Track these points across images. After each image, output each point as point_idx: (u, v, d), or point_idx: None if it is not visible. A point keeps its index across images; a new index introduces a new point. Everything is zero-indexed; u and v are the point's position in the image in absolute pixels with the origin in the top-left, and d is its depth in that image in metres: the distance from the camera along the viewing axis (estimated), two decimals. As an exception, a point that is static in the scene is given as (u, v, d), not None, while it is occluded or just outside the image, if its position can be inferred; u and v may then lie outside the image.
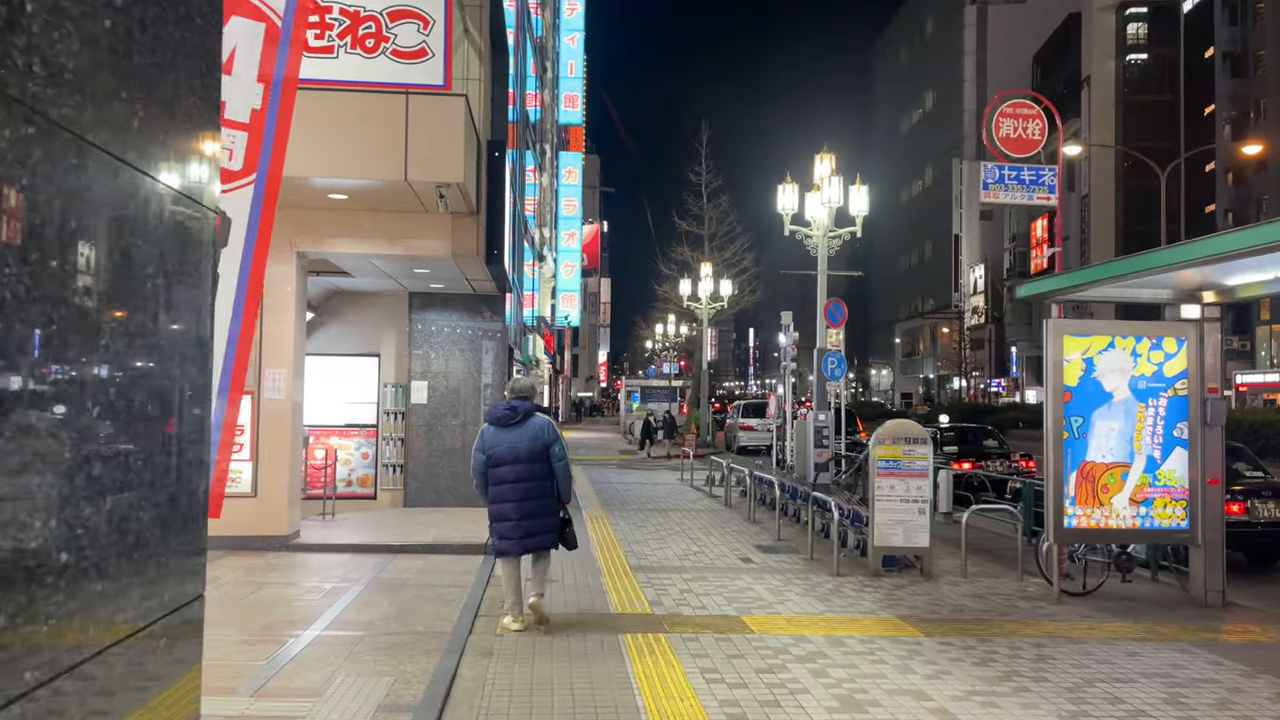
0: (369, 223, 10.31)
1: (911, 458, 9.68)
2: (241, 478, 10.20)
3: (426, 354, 13.95)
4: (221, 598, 7.85)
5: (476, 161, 10.32)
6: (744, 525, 13.17)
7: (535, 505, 6.95)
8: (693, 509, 15.02)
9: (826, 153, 20.36)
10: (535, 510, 6.95)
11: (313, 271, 12.34)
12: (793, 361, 22.19)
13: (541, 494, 6.99)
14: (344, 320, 14.11)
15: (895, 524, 9.65)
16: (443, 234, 10.32)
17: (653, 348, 69.15)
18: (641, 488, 18.61)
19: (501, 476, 6.93)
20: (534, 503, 6.94)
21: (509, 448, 6.95)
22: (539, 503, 6.97)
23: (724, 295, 34.29)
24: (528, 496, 6.92)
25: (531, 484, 6.94)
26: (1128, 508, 8.57)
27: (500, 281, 12.62)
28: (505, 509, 6.92)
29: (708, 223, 38.16)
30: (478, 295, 13.89)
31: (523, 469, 6.93)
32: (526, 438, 6.98)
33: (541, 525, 6.98)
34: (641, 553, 10.71)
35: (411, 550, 10.29)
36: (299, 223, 10.30)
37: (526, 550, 6.99)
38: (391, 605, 7.75)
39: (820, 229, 20.05)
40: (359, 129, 8.81)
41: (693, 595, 8.42)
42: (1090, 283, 8.07)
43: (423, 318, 13.97)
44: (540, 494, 6.98)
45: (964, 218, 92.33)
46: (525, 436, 6.99)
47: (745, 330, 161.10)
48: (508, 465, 6.93)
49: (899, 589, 8.94)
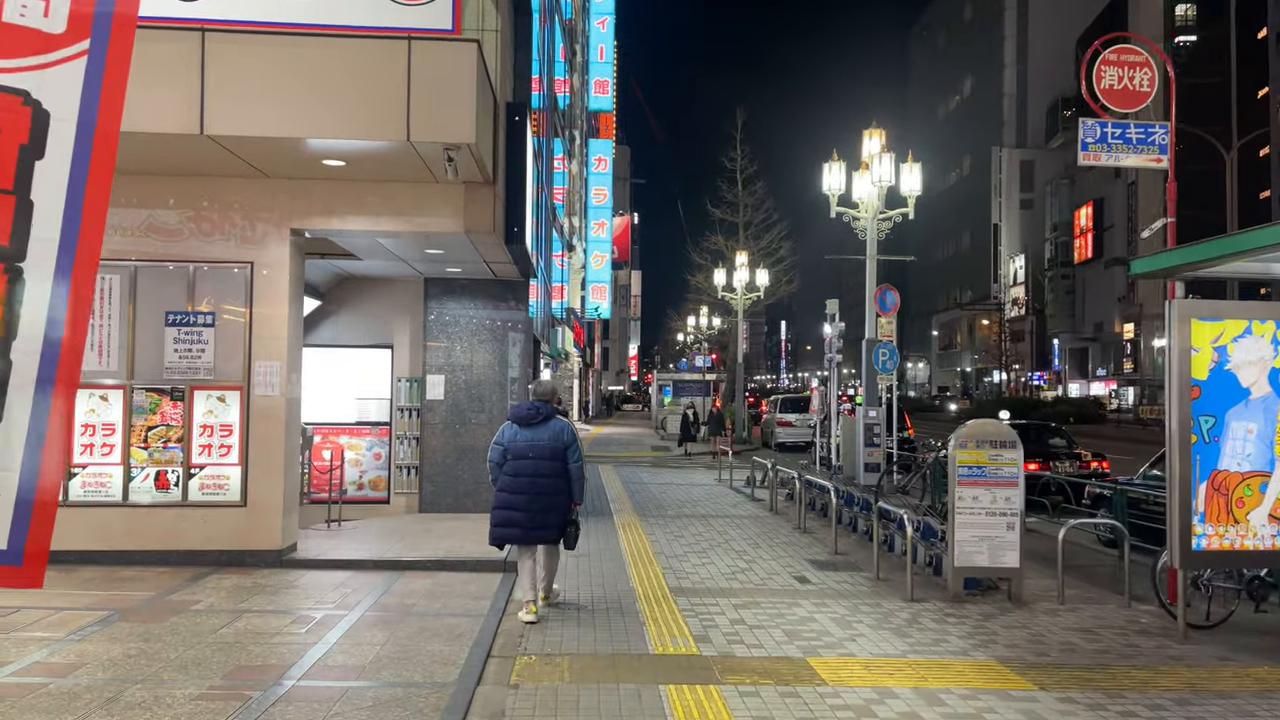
0: (372, 195, 9.07)
1: (999, 463, 8.31)
2: (229, 484, 9.01)
3: (443, 346, 12.72)
4: (189, 630, 6.64)
5: (493, 125, 9.05)
6: (794, 535, 11.83)
7: (547, 501, 7.30)
8: (735, 515, 13.70)
9: (876, 128, 18.91)
10: (547, 505, 7.29)
11: (315, 253, 11.14)
12: (838, 353, 20.74)
13: (554, 491, 7.33)
14: (354, 309, 12.91)
15: (979, 541, 8.28)
16: (455, 208, 9.06)
17: (684, 340, 67.75)
18: (677, 489, 17.29)
19: (519, 470, 7.29)
20: (546, 498, 7.29)
21: (529, 444, 7.34)
22: (551, 499, 7.31)
23: (760, 285, 32.84)
24: (542, 492, 7.28)
25: (546, 480, 7.30)
26: (1266, 525, 7.13)
27: (522, 264, 11.35)
28: (518, 500, 7.26)
29: (743, 210, 36.73)
30: (499, 281, 12.63)
31: (542, 464, 7.30)
32: (546, 437, 7.36)
33: (549, 520, 7.31)
34: (681, 569, 9.42)
35: (420, 566, 9.06)
36: (293, 195, 9.08)
37: (531, 541, 7.31)
38: (389, 642, 6.51)
39: (869, 210, 18.60)
40: (353, 81, 7.57)
41: (745, 628, 7.11)
42: (1229, 255, 6.66)
43: (439, 306, 12.73)
44: (553, 491, 7.32)
45: (1003, 207, 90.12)
46: (545, 436, 7.36)
47: (777, 323, 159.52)
48: (527, 460, 7.30)
49: (989, 619, 7.58)
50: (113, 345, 9.00)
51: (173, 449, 8.99)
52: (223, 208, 9.03)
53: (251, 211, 9.05)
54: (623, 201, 73.73)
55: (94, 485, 8.94)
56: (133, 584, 8.14)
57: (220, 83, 7.43)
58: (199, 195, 9.00)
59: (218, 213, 9.04)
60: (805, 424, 30.25)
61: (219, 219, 9.04)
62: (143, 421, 8.97)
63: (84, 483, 8.94)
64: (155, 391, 9.00)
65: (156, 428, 8.98)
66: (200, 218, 9.03)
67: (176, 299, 9.05)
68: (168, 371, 9.01)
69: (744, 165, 36.65)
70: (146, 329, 9.02)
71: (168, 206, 8.99)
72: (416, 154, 7.96)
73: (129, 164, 8.60)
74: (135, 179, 8.91)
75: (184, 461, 8.99)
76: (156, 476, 8.96)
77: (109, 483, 8.94)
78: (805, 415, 30.80)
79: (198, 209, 9.02)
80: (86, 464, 8.94)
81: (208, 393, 9.03)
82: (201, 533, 8.95)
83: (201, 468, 9.00)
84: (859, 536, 11.64)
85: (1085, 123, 8.67)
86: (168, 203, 8.99)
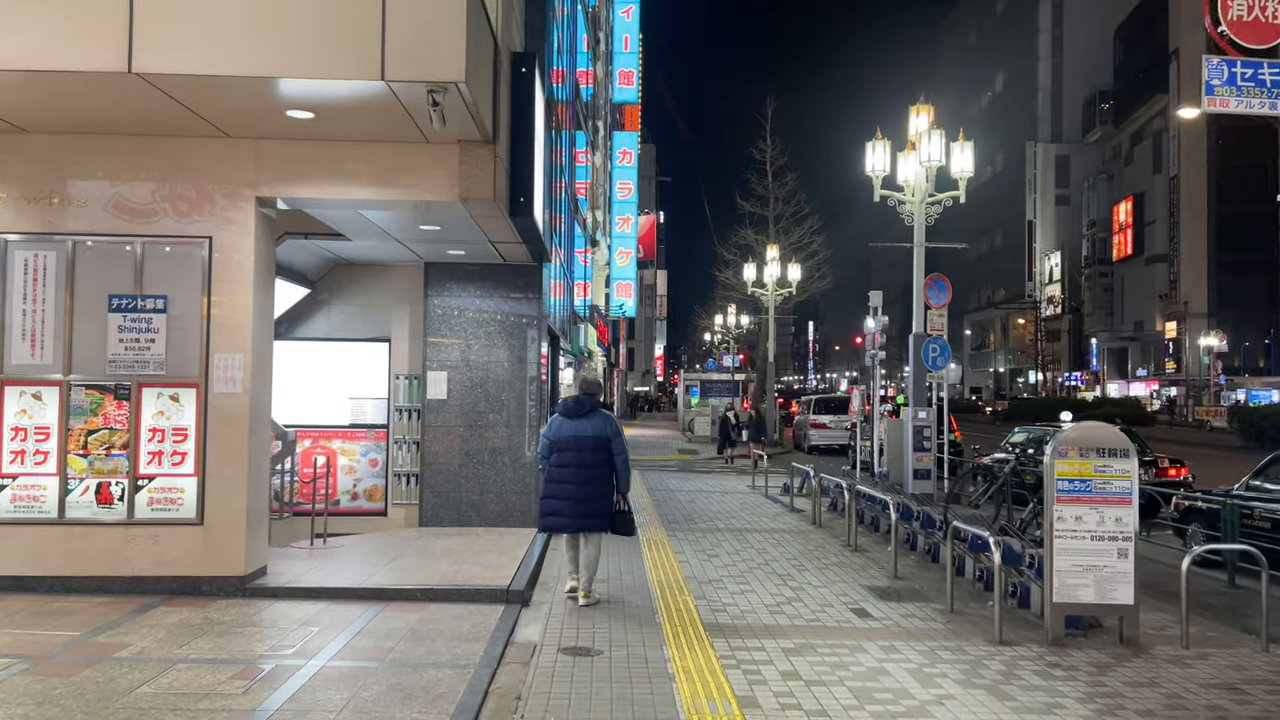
0: (351, 158, 7.67)
1: (1108, 475, 6.79)
2: (183, 499, 7.63)
3: (446, 339, 11.32)
4: (98, 690, 5.24)
5: (493, 74, 7.64)
6: (843, 554, 10.34)
7: (591, 490, 7.57)
8: (774, 529, 12.21)
9: (924, 104, 17.34)
10: (591, 494, 7.56)
11: (298, 233, 9.79)
12: (881, 350, 19.16)
13: (597, 480, 7.60)
14: (348, 298, 11.55)
15: (1083, 570, 6.77)
16: (448, 172, 7.65)
17: (711, 340, 66.18)
18: (707, 498, 15.81)
19: (565, 461, 7.60)
20: (590, 487, 7.56)
21: (574, 435, 7.63)
22: (595, 488, 7.58)
23: (792, 280, 31.24)
24: (586, 481, 7.56)
25: (592, 470, 7.58)
26: None
27: (533, 244, 9.94)
28: (564, 490, 7.56)
29: (773, 203, 35.15)
30: (508, 266, 11.23)
31: (586, 456, 7.58)
32: (591, 429, 7.65)
33: (594, 508, 7.58)
34: (717, 599, 7.96)
35: (408, 596, 7.64)
36: (259, 159, 7.70)
37: (578, 529, 7.61)
38: (347, 709, 5.09)
39: (917, 192, 17.03)
40: (311, 5, 6.16)
41: (801, 685, 5.64)
42: None
43: (442, 295, 11.34)
44: (596, 480, 7.60)
45: (1038, 203, 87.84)
46: (590, 428, 7.66)
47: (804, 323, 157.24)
48: (572, 451, 7.60)
49: (1104, 672, 6.06)
50: (47, 334, 7.65)
51: (117, 457, 7.61)
52: (175, 172, 7.65)
53: (209, 177, 7.67)
54: (648, 200, 72.28)
55: (25, 499, 7.58)
56: (60, 619, 6.78)
57: (151, 8, 6.05)
58: (148, 158, 7.63)
59: (170, 179, 7.66)
60: (840, 426, 28.71)
61: (171, 186, 7.67)
62: (82, 424, 7.61)
63: (14, 496, 7.58)
64: (96, 389, 7.63)
65: (98, 431, 7.61)
66: (150, 185, 7.66)
67: (121, 280, 7.68)
68: (111, 365, 7.64)
69: (774, 156, 35.08)
70: (87, 315, 7.65)
71: (111, 173, 7.64)
72: (397, 100, 6.55)
73: (61, 120, 7.25)
74: (72, 139, 7.57)
75: (130, 471, 7.61)
76: (98, 489, 7.59)
77: (43, 496, 7.58)
78: (840, 417, 29.25)
79: (147, 175, 7.65)
80: (17, 474, 7.59)
81: (158, 390, 7.65)
82: (151, 556, 7.58)
83: (151, 479, 7.63)
84: (919, 556, 10.14)
85: (1210, 61, 7.13)
86: (111, 168, 7.63)
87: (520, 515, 11.13)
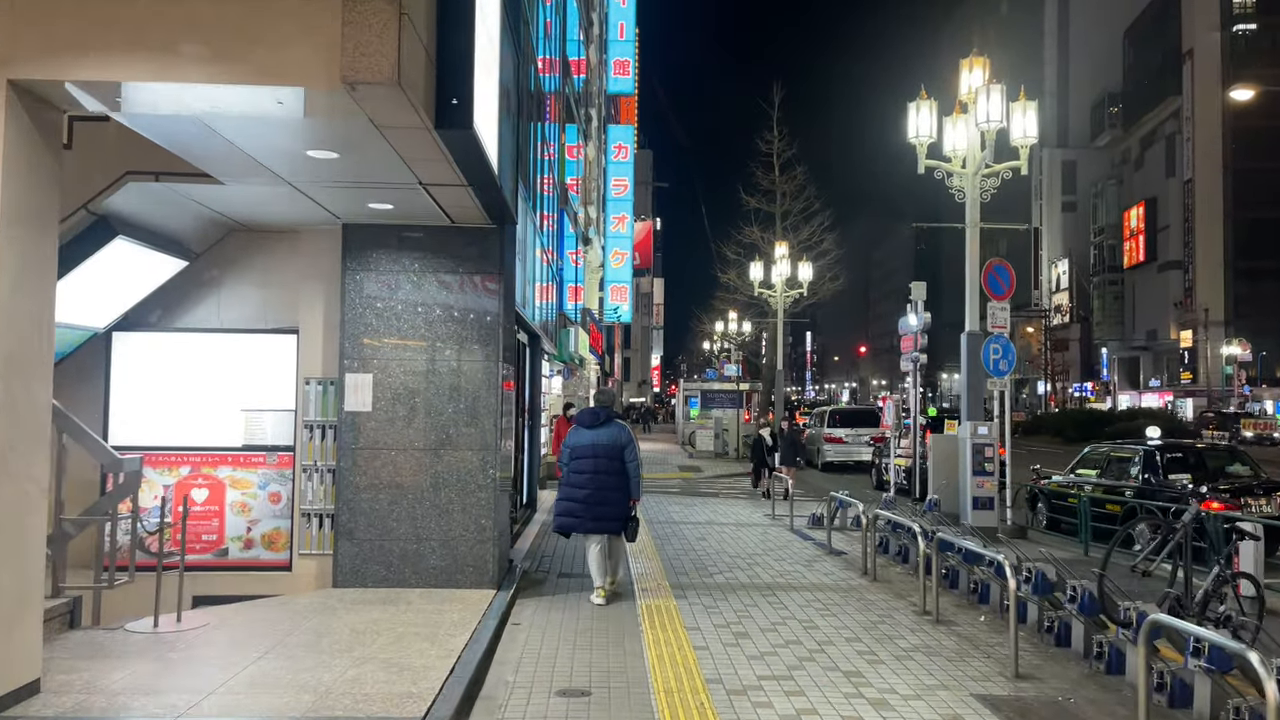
0: (167, 15, 4.68)
1: None
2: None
3: (373, 328, 8.32)
4: None
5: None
6: (923, 629, 7.33)
7: (605, 494, 8.06)
8: (816, 585, 9.19)
9: (978, 56, 14.47)
10: (605, 499, 8.06)
11: (146, 172, 6.79)
12: (923, 353, 16.20)
13: (611, 486, 8.08)
14: (241, 275, 8.55)
15: None
16: (324, 40, 4.67)
17: (710, 348, 63.12)
18: (720, 534, 12.76)
19: (581, 468, 8.11)
20: (604, 492, 8.06)
21: (591, 444, 8.12)
22: (608, 493, 8.07)
23: (803, 280, 28.29)
24: (600, 486, 8.05)
25: (605, 476, 8.06)
26: None
27: (485, 190, 6.93)
28: (578, 493, 8.07)
29: (780, 199, 32.26)
30: (456, 229, 8.24)
31: (601, 463, 8.07)
32: (606, 438, 8.14)
33: (608, 512, 8.09)
34: (762, 732, 4.95)
35: (257, 739, 4.62)
36: (15, 18, 4.70)
37: (593, 530, 8.07)
38: None
39: (971, 162, 14.12)
40: None
41: None
42: None
43: (365, 269, 8.33)
44: (610, 486, 8.07)
45: (1044, 209, 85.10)
46: (605, 437, 8.15)
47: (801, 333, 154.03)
48: (589, 459, 8.08)
49: None
50: None
51: None
52: None
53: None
54: (645, 207, 69.26)
55: None
56: None
57: None
58: None
59: None
60: (859, 441, 25.77)
61: None
62: None
63: None
64: None
65: None
66: None
67: None
68: None
69: (781, 149, 32.20)
70: None
71: None
72: None
73: None
74: None
75: None
76: None
77: None
78: (857, 430, 26.31)
79: None
80: None
81: None
82: None
83: None
84: (1029, 631, 7.11)
85: None
86: None
87: (473, 571, 8.11)
